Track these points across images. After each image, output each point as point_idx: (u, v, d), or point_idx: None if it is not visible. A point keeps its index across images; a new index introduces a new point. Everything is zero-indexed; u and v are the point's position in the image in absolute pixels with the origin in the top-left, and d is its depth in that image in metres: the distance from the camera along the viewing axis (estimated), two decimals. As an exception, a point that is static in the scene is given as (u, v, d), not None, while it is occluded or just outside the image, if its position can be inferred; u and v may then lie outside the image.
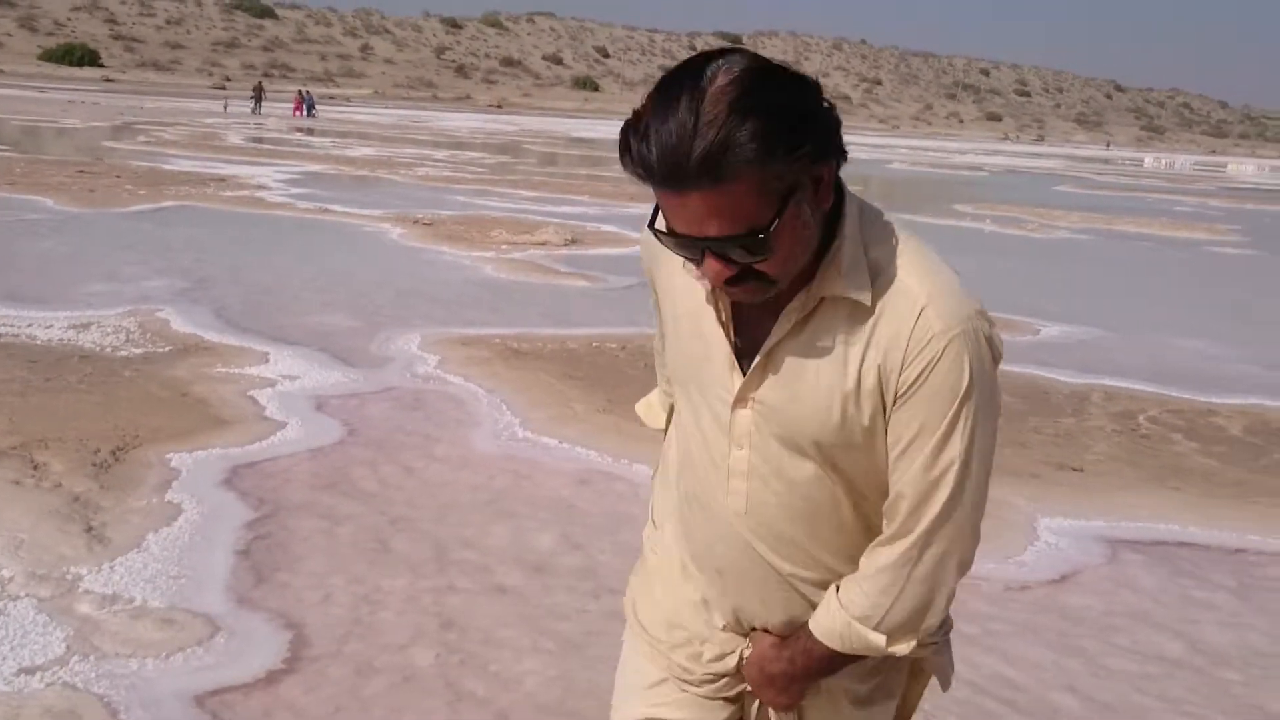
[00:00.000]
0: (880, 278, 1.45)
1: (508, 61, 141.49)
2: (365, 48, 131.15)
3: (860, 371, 1.45)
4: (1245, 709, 3.50)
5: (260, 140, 33.05)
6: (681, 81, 1.31)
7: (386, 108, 77.45)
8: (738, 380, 1.53)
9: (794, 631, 1.61)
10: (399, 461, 5.28)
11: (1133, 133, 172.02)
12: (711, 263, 1.36)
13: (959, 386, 1.42)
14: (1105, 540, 4.85)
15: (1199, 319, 10.85)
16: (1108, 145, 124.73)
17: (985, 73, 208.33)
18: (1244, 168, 73.32)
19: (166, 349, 7.13)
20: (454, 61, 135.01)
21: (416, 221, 14.73)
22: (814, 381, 1.48)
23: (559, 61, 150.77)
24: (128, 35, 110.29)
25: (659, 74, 1.37)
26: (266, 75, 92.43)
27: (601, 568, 4.23)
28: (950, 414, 1.43)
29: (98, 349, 7.00)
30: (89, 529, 4.23)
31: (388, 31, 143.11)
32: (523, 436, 5.79)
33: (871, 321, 1.44)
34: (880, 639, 1.51)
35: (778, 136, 1.28)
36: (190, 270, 10.01)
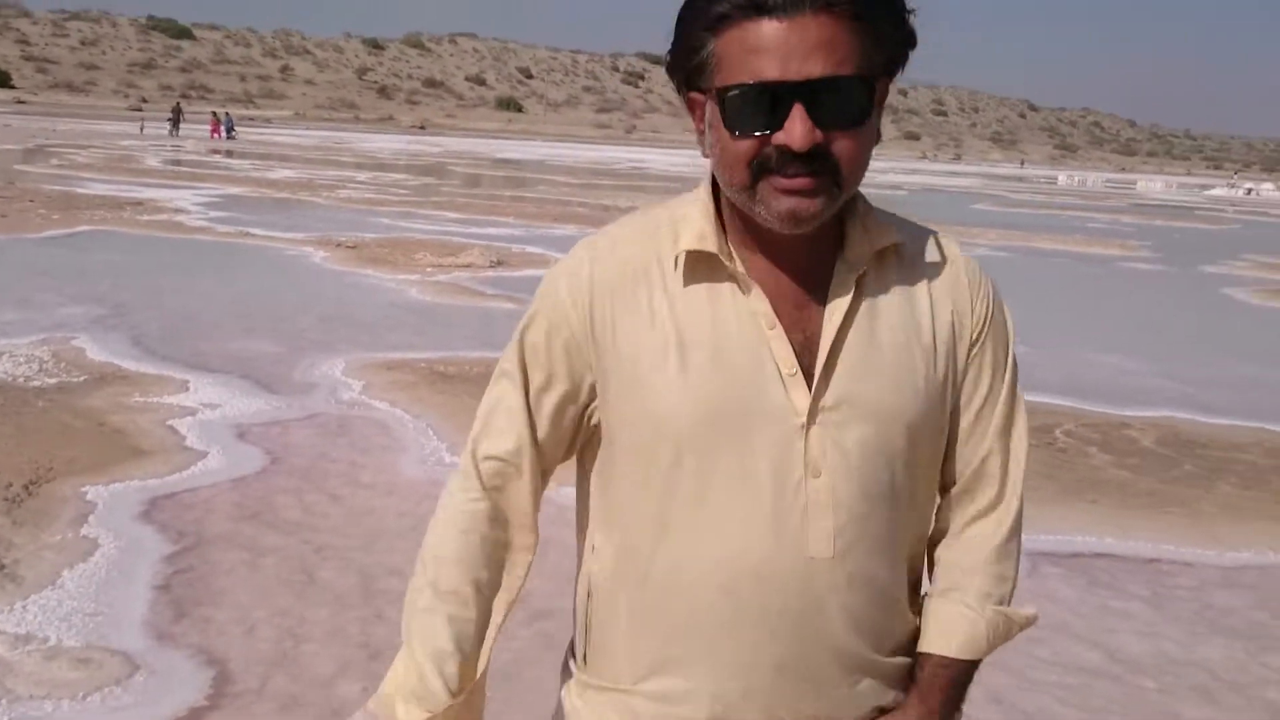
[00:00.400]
0: (899, 223, 1.36)
1: (430, 82, 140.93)
2: (285, 69, 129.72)
3: (934, 324, 1.33)
4: (1162, 716, 3.59)
5: (178, 163, 32.52)
6: None
7: (308, 129, 76.64)
8: (802, 392, 1.26)
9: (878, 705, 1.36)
10: (324, 489, 5.21)
11: (1046, 151, 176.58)
12: (799, 121, 1.15)
13: (1009, 323, 1.40)
14: (1025, 553, 4.91)
15: (1113, 334, 11.15)
16: (1022, 164, 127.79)
17: (903, 93, 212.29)
18: (1153, 185, 75.44)
19: (82, 378, 6.96)
20: (376, 82, 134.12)
21: (340, 244, 14.59)
22: (891, 354, 1.30)
23: (482, 82, 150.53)
24: (40, 56, 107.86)
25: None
26: (184, 96, 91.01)
27: (530, 593, 4.18)
28: (1010, 355, 1.39)
29: (9, 379, 6.82)
30: (0, 567, 4.11)
31: (308, 52, 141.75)
32: (449, 461, 5.75)
33: (923, 267, 1.35)
34: (1030, 610, 1.42)
35: (888, 5, 1.19)
36: (106, 297, 9.80)
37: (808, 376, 1.27)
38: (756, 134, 1.18)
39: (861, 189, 1.29)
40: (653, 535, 1.32)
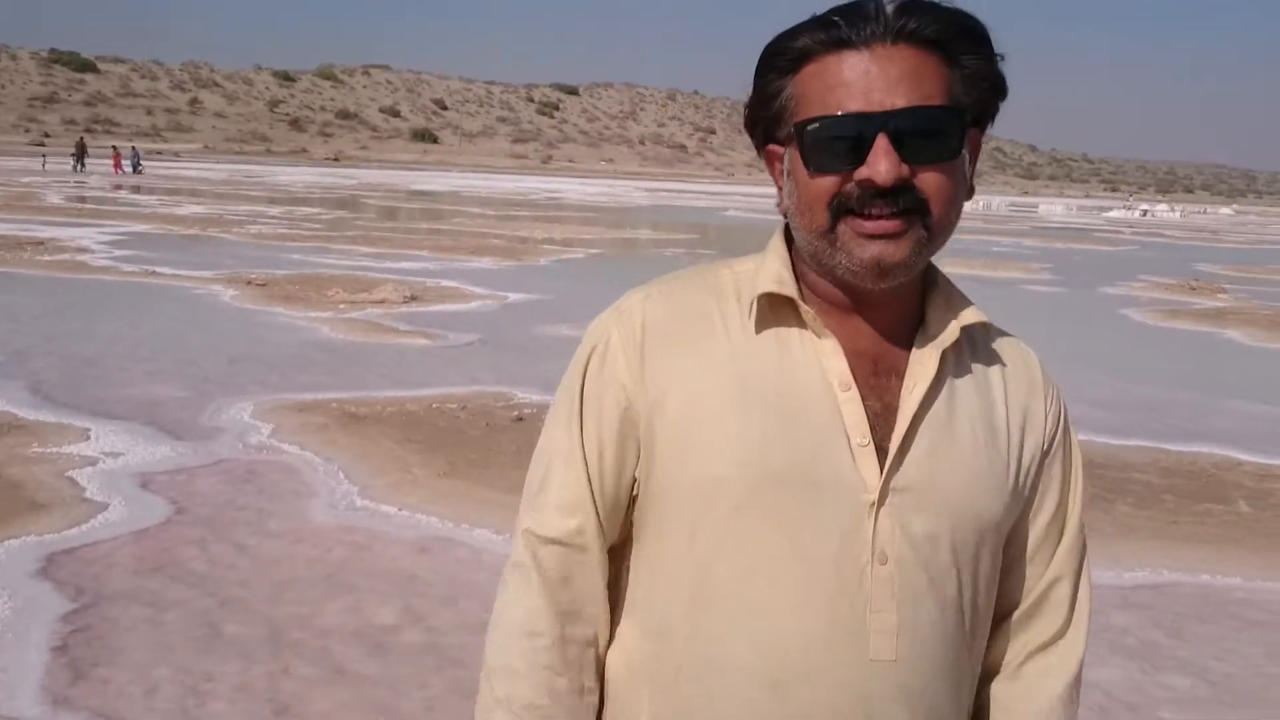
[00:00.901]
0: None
1: (344, 114, 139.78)
2: (194, 101, 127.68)
3: (1008, 422, 1.22)
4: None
5: (82, 200, 31.80)
6: None
7: (218, 163, 75.42)
8: (874, 467, 1.14)
9: None
10: (230, 539, 5.13)
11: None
12: (883, 153, 1.06)
13: (1076, 439, 1.30)
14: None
15: (1016, 357, 11.40)
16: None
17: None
18: (1054, 208, 77.64)
19: (-24, 429, 6.76)
20: (288, 115, 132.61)
21: (249, 282, 14.37)
22: (968, 443, 1.18)
23: (396, 114, 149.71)
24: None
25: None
26: (89, 131, 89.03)
27: (443, 640, 4.19)
28: (1080, 473, 1.29)
29: (-101, 433, 6.59)
30: (-112, 632, 3.98)
31: (218, 85, 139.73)
32: (361, 505, 5.70)
33: (999, 358, 1.25)
34: None
35: (964, 35, 1.11)
36: (3, 342, 9.53)
37: (880, 451, 1.14)
38: (838, 170, 1.09)
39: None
40: (689, 614, 1.17)
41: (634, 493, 1.23)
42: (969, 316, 1.21)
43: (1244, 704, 3.98)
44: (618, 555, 1.27)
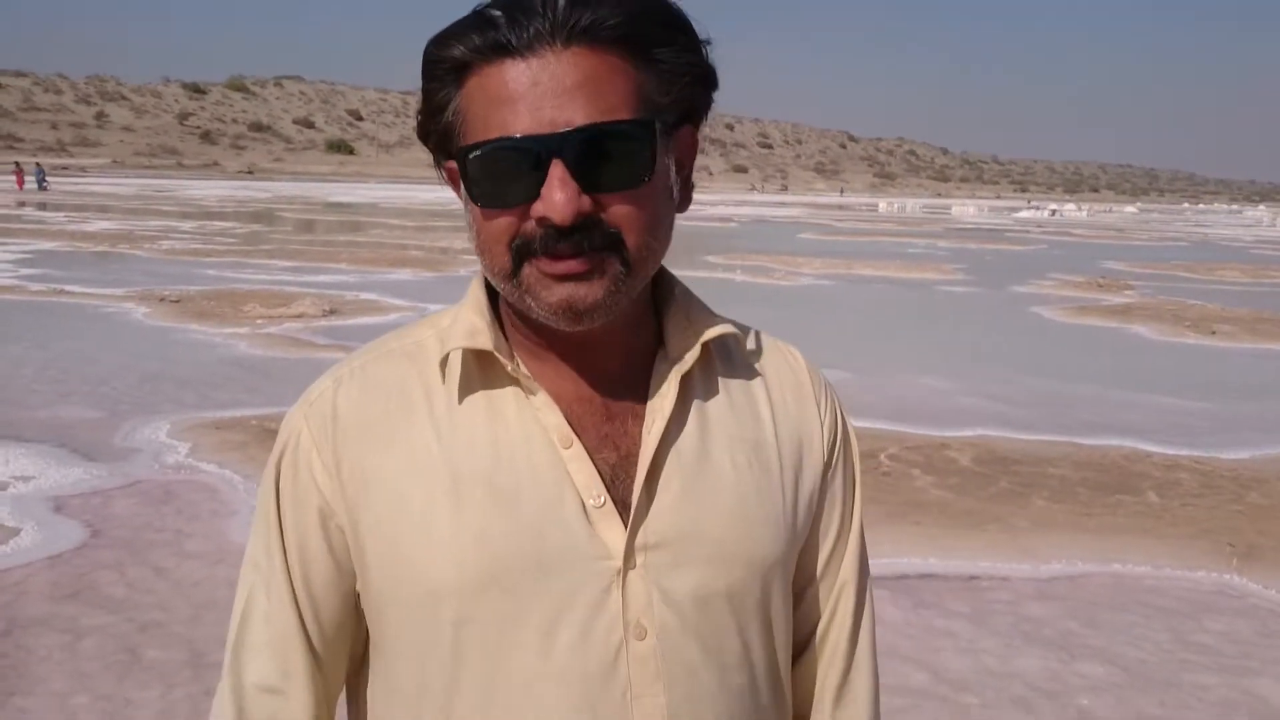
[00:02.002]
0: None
1: (257, 126, 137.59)
2: (101, 115, 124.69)
3: (778, 440, 1.08)
4: (982, 728, 3.79)
5: (-17, 217, 30.78)
6: None
7: (127, 177, 73.74)
8: (615, 528, 0.98)
9: None
10: (148, 562, 5.03)
11: (867, 179, 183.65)
12: (561, 187, 0.89)
13: (854, 440, 1.18)
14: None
15: (931, 356, 11.65)
16: (841, 192, 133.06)
17: (730, 127, 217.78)
18: (966, 209, 79.28)
19: (-122, 457, 6.53)
20: (199, 127, 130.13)
21: (163, 299, 14.08)
22: (730, 475, 1.04)
23: (311, 125, 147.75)
24: None
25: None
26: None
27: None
28: (858, 483, 1.18)
29: None
30: None
31: (124, 98, 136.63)
32: (283, 523, 5.61)
33: (760, 369, 1.11)
34: None
35: (655, 24, 0.94)
36: (-96, 367, 9.22)
37: (623, 507, 0.99)
38: (510, 206, 0.92)
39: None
40: None
41: (360, 607, 1.07)
42: (712, 330, 1.05)
43: (1157, 688, 4.11)
44: (357, 675, 1.10)
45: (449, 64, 0.93)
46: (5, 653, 4.05)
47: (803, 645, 1.15)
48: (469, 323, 1.02)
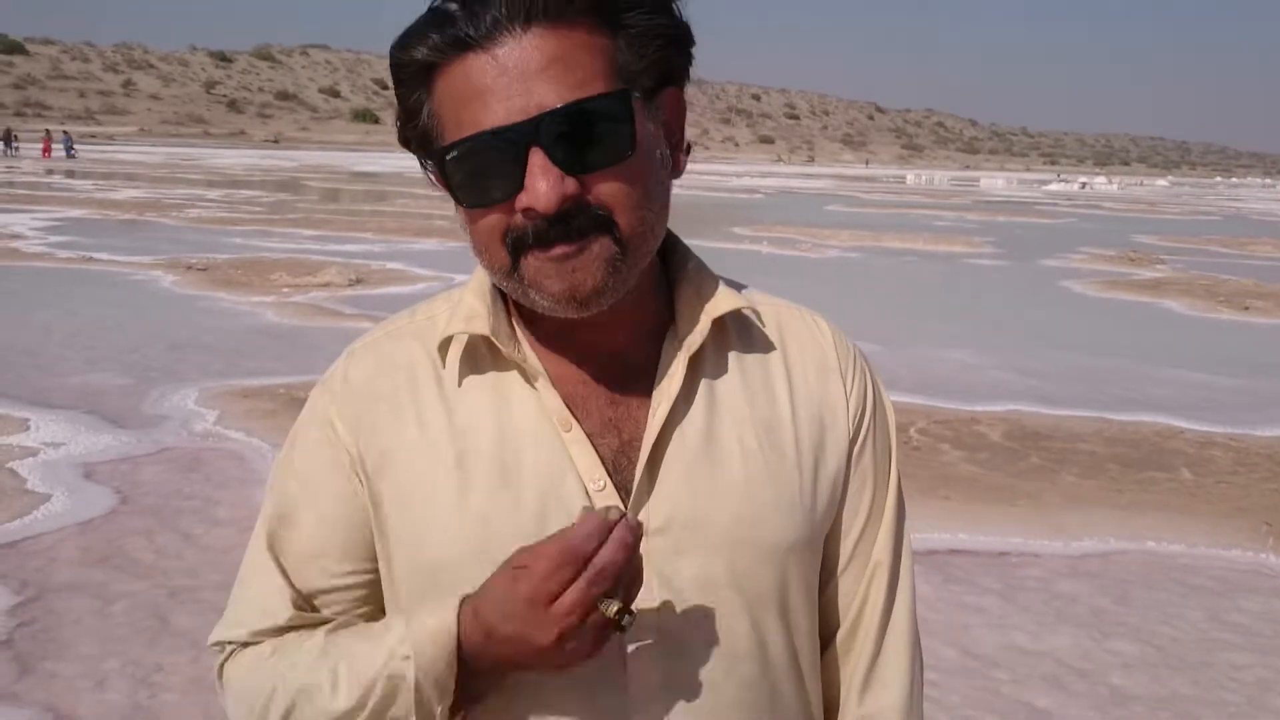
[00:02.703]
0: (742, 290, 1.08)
1: (283, 95, 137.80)
2: (128, 83, 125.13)
3: (794, 418, 1.03)
4: (1014, 707, 3.75)
5: (13, 185, 31.01)
6: None
7: (154, 146, 74.06)
8: (615, 504, 0.95)
9: None
10: (177, 528, 5.04)
11: (894, 151, 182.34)
12: (542, 174, 0.87)
13: (891, 417, 1.12)
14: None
15: (960, 330, 11.56)
16: (866, 163, 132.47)
17: (756, 98, 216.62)
18: (995, 182, 78.61)
19: (-90, 422, 6.59)
20: (225, 96, 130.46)
21: (190, 267, 14.14)
22: (739, 458, 1.00)
23: (337, 94, 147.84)
24: None
25: None
26: (19, 115, 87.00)
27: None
28: (894, 460, 1.11)
29: None
30: None
31: (152, 66, 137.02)
32: (310, 492, 5.62)
33: (779, 344, 1.06)
34: None
35: None
36: (-64, 333, 9.29)
37: (624, 492, 0.97)
38: (496, 202, 0.90)
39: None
40: None
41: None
42: (721, 304, 1.02)
43: (1189, 667, 4.06)
44: None
45: (414, 67, 0.91)
46: (36, 618, 4.07)
47: (832, 633, 1.09)
48: (470, 306, 1.01)
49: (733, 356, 1.04)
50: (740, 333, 1.05)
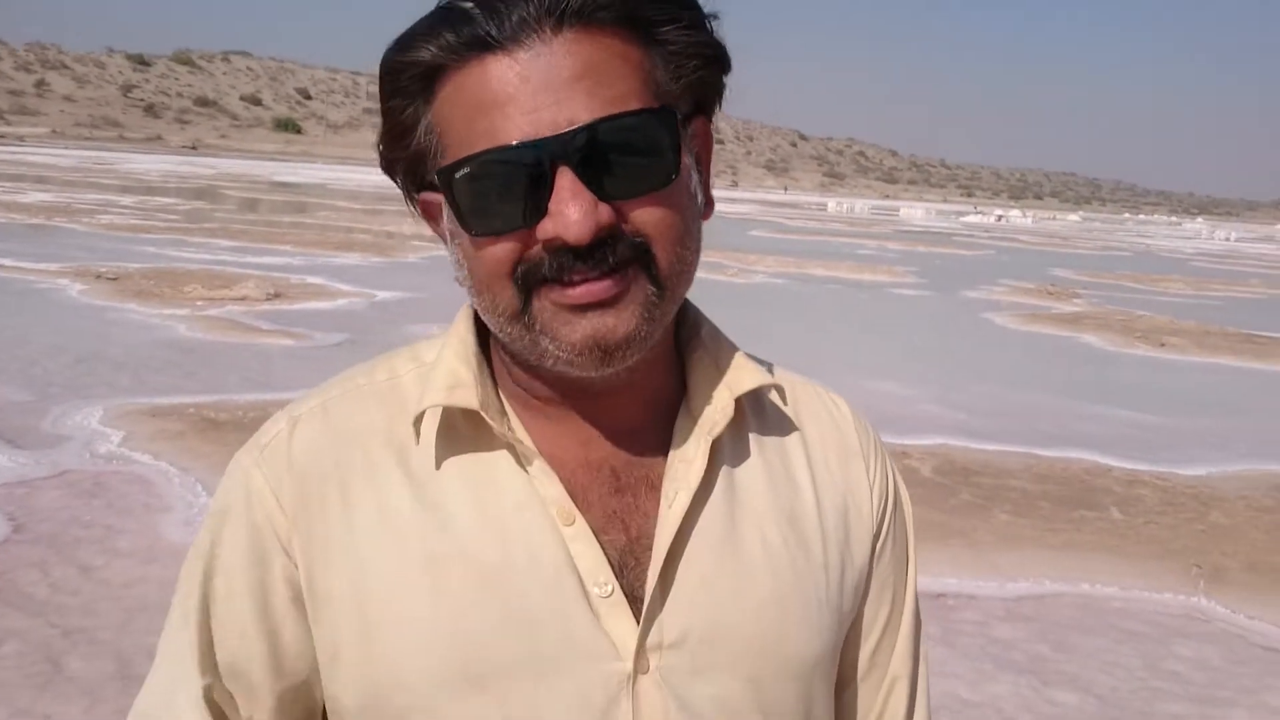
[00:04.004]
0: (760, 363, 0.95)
1: (203, 101, 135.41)
2: (41, 84, 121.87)
3: (820, 513, 0.90)
4: (956, 760, 3.63)
5: (-87, 184, 29.82)
6: None
7: (66, 148, 72.05)
8: (626, 622, 0.81)
9: None
10: (75, 560, 4.72)
11: (816, 178, 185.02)
12: (570, 198, 0.73)
13: (907, 499, 1.01)
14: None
15: (887, 361, 11.56)
16: (785, 189, 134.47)
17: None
18: (914, 212, 79.90)
19: None
20: (143, 100, 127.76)
21: (99, 276, 13.61)
22: (763, 560, 0.86)
23: (258, 102, 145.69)
24: None
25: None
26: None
27: None
28: (913, 559, 1.00)
29: None
30: None
31: (66, 67, 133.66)
32: (220, 521, 5.33)
33: (799, 428, 0.94)
34: None
35: (656, 2, 0.78)
36: None
37: (634, 599, 0.82)
38: (511, 230, 0.76)
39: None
40: None
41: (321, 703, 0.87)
42: (747, 379, 0.88)
43: (1131, 718, 3.99)
44: None
45: (417, 71, 0.77)
46: (-87, 660, 3.75)
47: None
48: (451, 371, 0.85)
49: (751, 438, 0.90)
50: (757, 411, 0.92)
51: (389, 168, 0.84)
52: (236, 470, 0.87)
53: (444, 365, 0.86)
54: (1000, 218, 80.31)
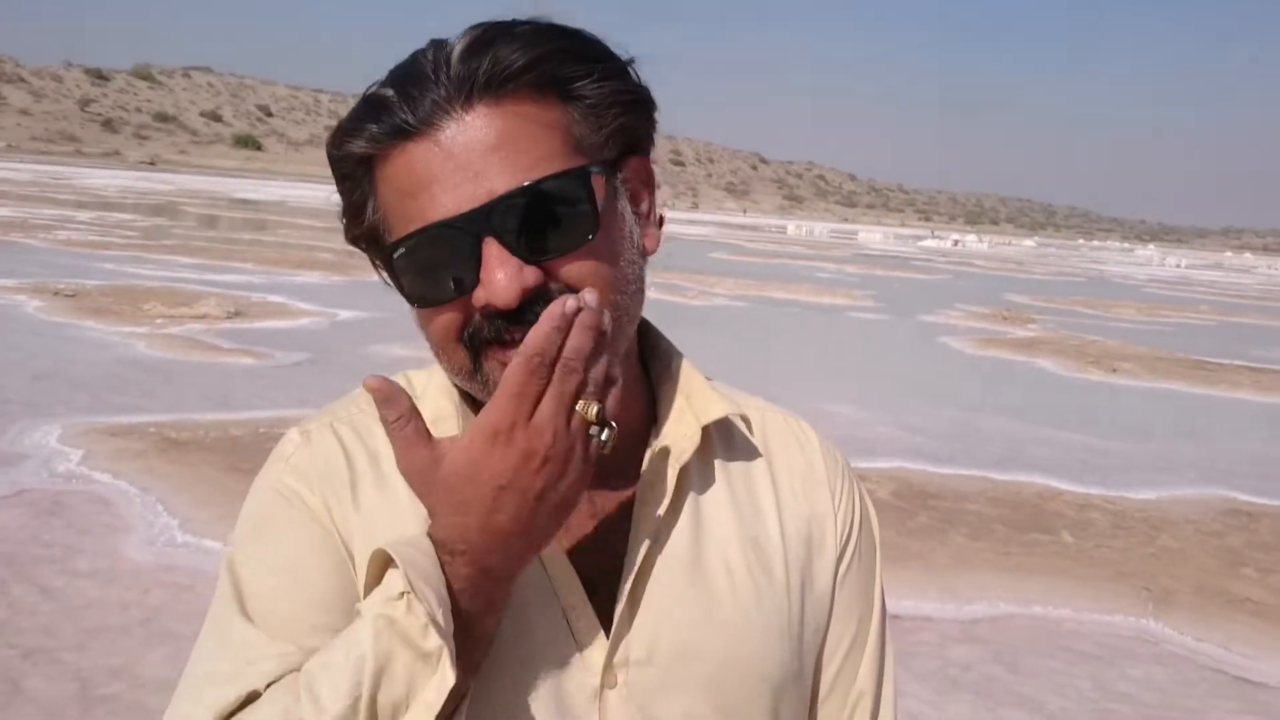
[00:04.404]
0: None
1: (162, 117, 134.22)
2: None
3: (784, 536, 0.95)
4: (912, 779, 3.71)
5: None
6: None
7: (22, 163, 71.12)
8: (596, 639, 0.87)
9: None
10: (33, 580, 4.70)
11: (776, 201, 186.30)
12: (499, 266, 0.79)
13: (876, 531, 1.05)
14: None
15: (846, 384, 11.68)
16: (745, 212, 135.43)
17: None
18: (873, 236, 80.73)
19: None
20: (101, 115, 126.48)
21: (57, 292, 13.48)
22: (726, 581, 0.91)
23: (218, 118, 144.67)
24: None
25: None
26: None
27: None
28: (879, 578, 1.04)
29: None
30: None
31: (23, 80, 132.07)
32: (183, 541, 5.33)
33: (765, 453, 0.99)
34: None
35: (565, 56, 0.83)
36: None
37: (604, 617, 0.87)
38: (450, 299, 0.82)
39: None
40: None
41: None
42: (714, 409, 0.93)
43: (1081, 737, 4.08)
44: None
45: (352, 161, 0.84)
46: None
47: None
48: (434, 406, 0.91)
49: (718, 465, 0.96)
50: (724, 439, 0.97)
51: (353, 241, 0.90)
52: (265, 487, 0.91)
53: (429, 398, 0.92)
54: (957, 242, 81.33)
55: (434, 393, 0.93)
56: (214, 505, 5.86)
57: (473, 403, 0.92)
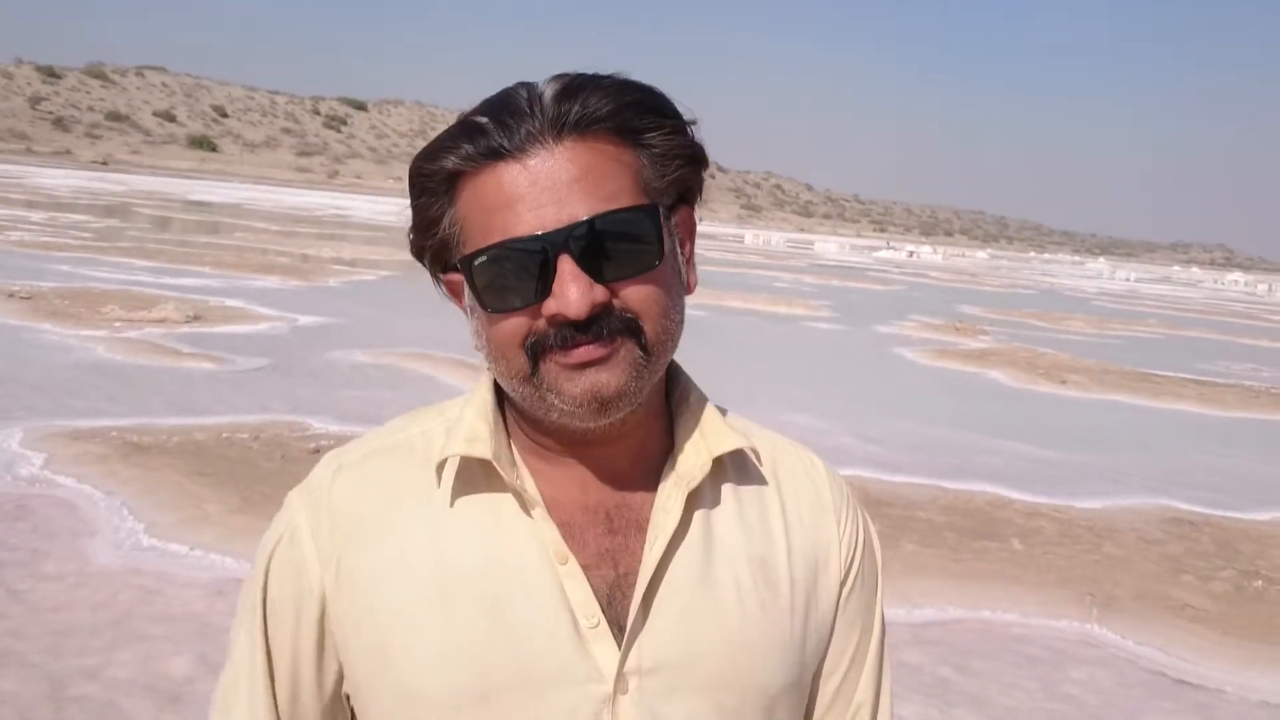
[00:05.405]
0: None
1: (115, 116, 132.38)
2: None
3: (790, 559, 1.04)
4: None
5: None
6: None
7: (-32, 160, 69.89)
8: (609, 649, 0.96)
9: None
10: (1, 584, 4.73)
11: (734, 210, 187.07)
12: (570, 280, 0.89)
13: (879, 560, 1.13)
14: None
15: (802, 394, 11.87)
16: (701, 220, 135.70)
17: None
18: (829, 246, 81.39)
19: None
20: (52, 113, 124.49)
21: (12, 294, 13.36)
22: (734, 598, 1.00)
23: (172, 119, 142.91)
24: None
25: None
26: None
27: (244, 691, 3.99)
28: (880, 604, 1.12)
29: None
30: None
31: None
32: (148, 545, 5.37)
33: (774, 483, 1.07)
34: None
35: (641, 109, 0.93)
36: None
37: (619, 629, 0.96)
38: (521, 307, 0.92)
39: None
40: None
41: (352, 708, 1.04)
42: (726, 442, 1.02)
43: (1026, 736, 4.25)
44: None
45: (440, 176, 0.93)
46: None
47: None
48: (470, 426, 1.00)
49: (729, 491, 1.04)
50: (737, 468, 1.06)
51: (419, 253, 1.00)
52: (288, 507, 1.03)
53: (465, 422, 1.01)
54: (911, 253, 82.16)
55: (471, 418, 1.01)
56: (179, 510, 5.90)
57: (506, 430, 1.02)
